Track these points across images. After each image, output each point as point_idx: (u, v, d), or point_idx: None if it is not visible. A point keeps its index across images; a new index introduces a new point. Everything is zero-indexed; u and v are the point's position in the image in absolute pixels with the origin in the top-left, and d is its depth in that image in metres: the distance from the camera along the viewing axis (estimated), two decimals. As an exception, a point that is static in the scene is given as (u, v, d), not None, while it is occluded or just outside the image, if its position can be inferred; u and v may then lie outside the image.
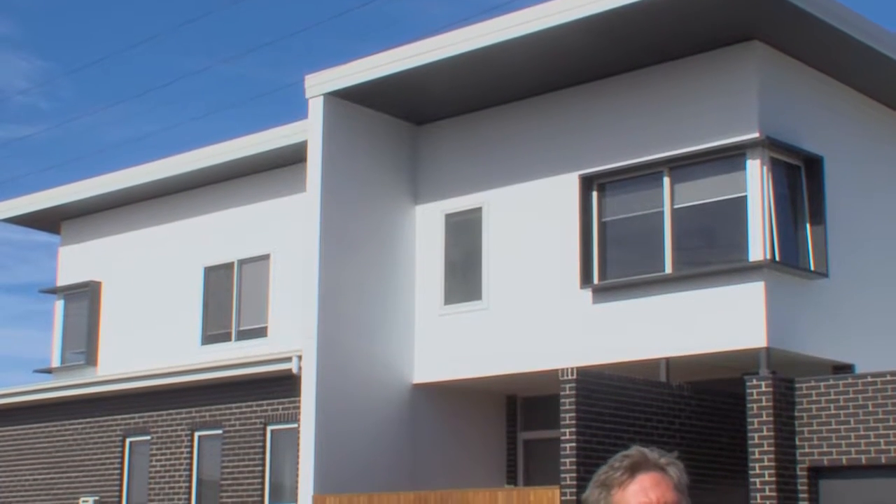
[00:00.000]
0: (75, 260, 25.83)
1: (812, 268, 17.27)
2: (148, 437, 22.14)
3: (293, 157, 21.21)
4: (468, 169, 19.84)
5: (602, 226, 18.21)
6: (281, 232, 21.84)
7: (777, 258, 16.72)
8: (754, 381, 16.08)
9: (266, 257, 22.19)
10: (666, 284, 17.35)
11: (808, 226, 17.45)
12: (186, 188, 23.62)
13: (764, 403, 15.92)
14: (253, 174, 22.53)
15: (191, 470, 21.39)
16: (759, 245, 16.59)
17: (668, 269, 17.37)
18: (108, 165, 52.24)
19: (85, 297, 25.26)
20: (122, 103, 55.76)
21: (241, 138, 21.95)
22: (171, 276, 23.67)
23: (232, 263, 22.77)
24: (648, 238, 17.72)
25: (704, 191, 17.36)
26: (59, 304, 26.05)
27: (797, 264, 17.17)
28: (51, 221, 26.50)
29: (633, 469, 3.28)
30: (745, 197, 16.83)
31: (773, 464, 15.74)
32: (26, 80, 55.11)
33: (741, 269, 16.65)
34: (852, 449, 15.60)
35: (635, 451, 3.33)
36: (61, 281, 26.05)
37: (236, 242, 22.67)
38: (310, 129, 19.62)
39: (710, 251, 17.45)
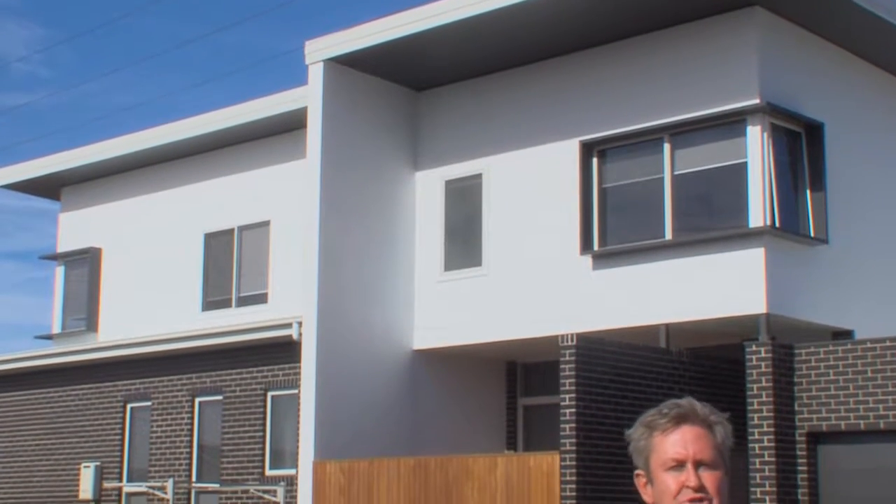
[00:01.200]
0: (75, 226, 25.82)
1: (812, 234, 17.27)
2: (149, 403, 22.21)
3: (293, 124, 21.18)
4: (468, 135, 19.80)
5: (602, 192, 18.20)
6: (281, 198, 21.82)
7: (777, 224, 16.72)
8: (754, 347, 16.12)
9: (266, 224, 22.19)
10: (666, 251, 17.35)
11: (808, 192, 17.44)
12: (186, 155, 23.58)
13: (763, 369, 15.95)
14: (253, 141, 22.50)
15: (192, 436, 21.45)
16: (759, 211, 16.58)
17: (669, 235, 17.37)
18: (108, 132, 52.17)
19: (85, 263, 25.27)
20: (122, 70, 55.62)
21: (241, 105, 21.91)
22: (172, 242, 23.67)
23: (232, 230, 22.77)
24: (649, 204, 17.71)
25: (705, 157, 17.33)
26: (59, 271, 26.06)
27: (797, 230, 17.17)
28: (51, 188, 26.46)
29: (679, 419, 3.27)
30: (746, 163, 16.81)
31: (772, 429, 15.79)
32: (26, 47, 54.97)
33: (741, 236, 16.65)
34: (851, 414, 15.65)
35: (686, 401, 3.31)
36: (61, 247, 26.05)
37: (236, 209, 22.66)
38: (310, 96, 19.57)
39: (710, 217, 17.44)
